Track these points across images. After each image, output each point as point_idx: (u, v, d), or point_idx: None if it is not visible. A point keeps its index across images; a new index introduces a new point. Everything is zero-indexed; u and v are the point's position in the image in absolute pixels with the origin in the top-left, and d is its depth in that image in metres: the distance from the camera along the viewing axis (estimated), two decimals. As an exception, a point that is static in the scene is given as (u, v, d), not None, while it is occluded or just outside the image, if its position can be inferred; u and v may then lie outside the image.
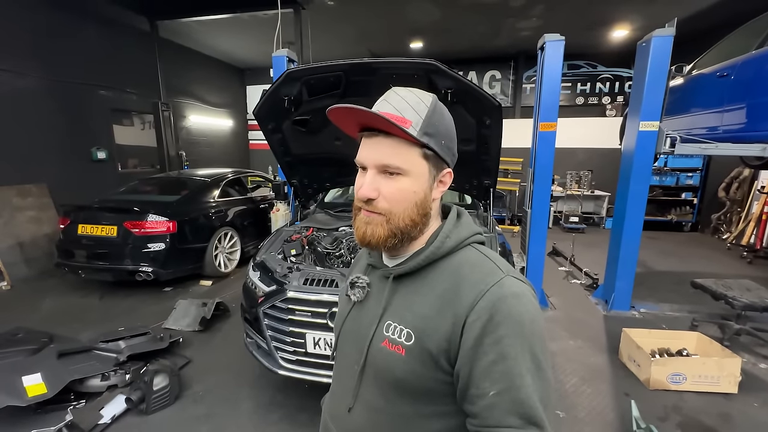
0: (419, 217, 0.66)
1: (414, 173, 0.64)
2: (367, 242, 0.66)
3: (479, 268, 0.63)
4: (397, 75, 1.96)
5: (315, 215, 3.14)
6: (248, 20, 6.30)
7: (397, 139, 0.63)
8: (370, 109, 0.65)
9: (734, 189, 6.58)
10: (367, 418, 0.69)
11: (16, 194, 4.71)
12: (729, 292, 3.11)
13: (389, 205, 0.64)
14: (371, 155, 0.65)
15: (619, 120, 6.98)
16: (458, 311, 0.59)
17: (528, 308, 0.58)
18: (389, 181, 0.64)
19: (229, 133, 9.60)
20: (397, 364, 0.63)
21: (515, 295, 0.58)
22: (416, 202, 0.65)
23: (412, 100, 0.63)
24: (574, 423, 2.21)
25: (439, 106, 0.66)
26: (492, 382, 0.55)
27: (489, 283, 0.59)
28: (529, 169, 3.74)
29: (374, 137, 0.64)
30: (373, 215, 0.65)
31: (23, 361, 2.48)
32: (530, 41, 6.90)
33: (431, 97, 0.66)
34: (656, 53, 3.25)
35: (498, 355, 0.55)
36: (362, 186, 0.65)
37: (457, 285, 0.62)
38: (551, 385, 0.58)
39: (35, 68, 4.98)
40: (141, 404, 2.26)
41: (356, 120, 0.64)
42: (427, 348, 0.61)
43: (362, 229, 0.66)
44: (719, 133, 3.28)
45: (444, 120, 0.66)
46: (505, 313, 0.56)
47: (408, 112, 0.62)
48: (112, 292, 4.15)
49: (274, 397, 2.42)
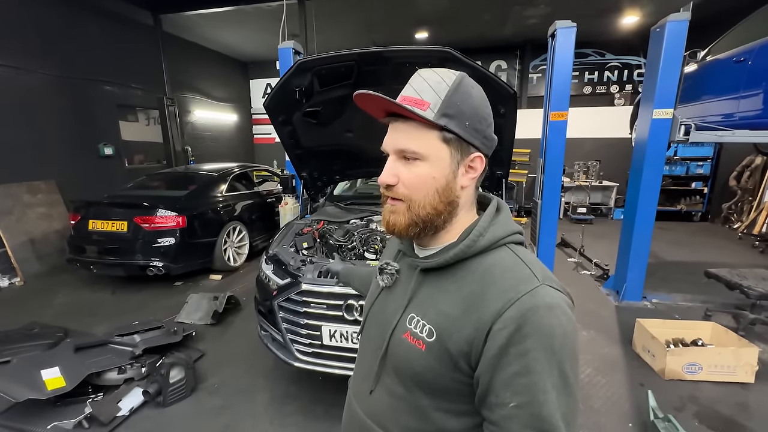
0: (442, 205, 0.62)
1: (432, 158, 0.61)
2: (392, 230, 0.66)
3: (512, 273, 0.59)
4: (410, 63, 1.92)
5: (325, 208, 3.13)
6: (252, 12, 6.25)
7: (413, 122, 0.61)
8: (399, 93, 0.64)
9: (746, 177, 6.48)
10: (388, 402, 0.69)
11: (26, 191, 4.74)
12: (744, 282, 3.07)
13: (408, 191, 0.63)
14: (390, 141, 0.64)
15: (627, 109, 6.89)
16: (483, 317, 0.56)
17: (561, 321, 0.54)
18: (407, 167, 0.62)
19: (234, 128, 9.58)
20: (416, 358, 0.62)
21: (548, 307, 0.54)
22: (437, 188, 0.62)
23: (433, 80, 0.61)
24: (591, 413, 2.20)
25: (466, 84, 0.61)
26: (513, 393, 0.53)
27: (521, 292, 0.56)
28: (540, 159, 3.69)
29: (395, 122, 0.63)
30: (396, 203, 0.64)
31: (41, 355, 2.52)
32: (537, 30, 6.80)
33: (455, 75, 0.62)
34: (671, 39, 3.18)
35: (522, 367, 0.52)
36: (383, 172, 0.65)
37: (486, 288, 0.58)
38: (577, 404, 0.54)
39: (42, 65, 4.98)
40: (158, 397, 2.29)
41: (378, 106, 0.63)
42: (447, 348, 0.59)
43: (387, 217, 0.66)
44: (735, 120, 3.21)
45: (471, 99, 0.61)
46: (535, 325, 0.53)
47: (427, 94, 0.60)
48: (124, 287, 4.19)
49: (288, 389, 2.43)
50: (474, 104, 0.62)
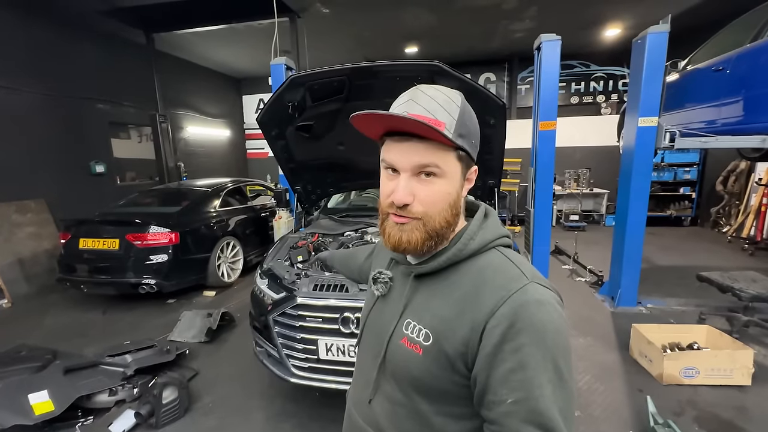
0: (453, 217, 0.65)
1: (449, 175, 0.62)
2: (403, 249, 0.64)
3: (503, 273, 0.62)
4: (401, 78, 1.96)
5: (319, 221, 3.13)
6: (243, 30, 6.34)
7: (431, 142, 0.60)
8: (390, 106, 0.65)
9: (732, 182, 6.62)
10: (388, 409, 0.69)
11: (15, 210, 4.67)
12: (735, 284, 3.11)
13: (425, 208, 0.62)
14: (406, 158, 0.61)
15: (614, 118, 7.04)
16: (477, 316, 0.58)
17: (552, 316, 0.56)
18: (424, 185, 0.62)
19: (226, 143, 9.60)
20: (414, 363, 0.63)
21: (539, 303, 0.56)
22: (450, 203, 0.64)
23: (442, 100, 0.61)
24: (591, 422, 2.19)
25: (467, 104, 0.64)
26: (510, 389, 0.53)
27: (512, 289, 0.57)
28: (531, 168, 3.75)
29: (406, 141, 0.61)
30: (406, 220, 0.63)
31: (28, 379, 2.45)
32: (524, 42, 6.97)
33: (459, 95, 0.64)
34: (652, 50, 3.28)
35: (517, 363, 0.53)
36: (396, 191, 0.62)
37: (478, 289, 0.60)
38: (573, 398, 0.55)
39: (31, 83, 4.97)
40: (150, 418, 2.22)
41: (384, 125, 0.62)
42: (444, 350, 0.60)
43: (396, 236, 0.63)
44: (718, 127, 3.31)
45: (472, 119, 0.65)
46: (527, 321, 0.54)
47: (440, 114, 0.60)
48: (116, 306, 4.11)
49: (284, 407, 2.38)
50: (474, 122, 0.66)
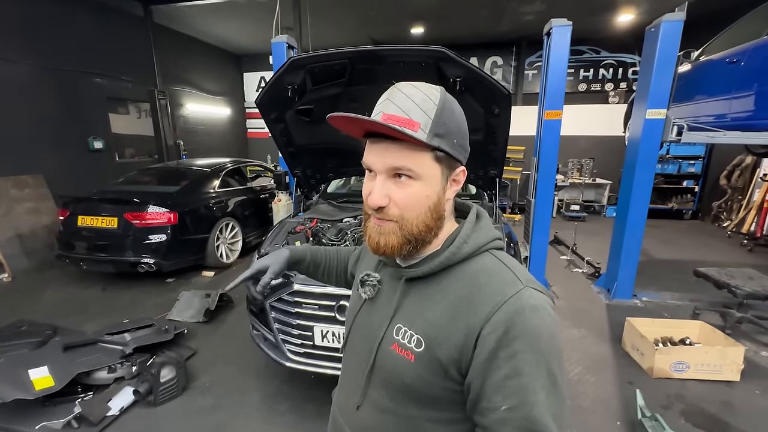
0: (433, 221, 0.62)
1: (426, 177, 0.60)
2: (382, 252, 0.63)
3: (497, 277, 0.60)
4: (405, 63, 1.90)
5: (318, 206, 3.11)
6: (244, 4, 6.14)
7: (405, 143, 0.58)
8: (374, 105, 0.62)
9: (736, 177, 6.56)
10: (376, 417, 0.68)
11: (13, 185, 4.64)
12: (732, 281, 3.12)
13: (401, 211, 0.61)
14: (380, 160, 0.60)
15: (621, 107, 6.92)
16: (472, 322, 0.56)
17: (546, 322, 0.55)
18: (400, 187, 0.60)
19: (227, 122, 9.46)
20: (406, 369, 0.62)
21: (533, 308, 0.55)
22: (429, 206, 0.61)
23: (418, 99, 0.58)
24: (579, 412, 2.23)
25: (449, 101, 0.61)
26: (504, 396, 0.53)
27: (507, 295, 0.56)
28: (533, 158, 3.70)
29: (381, 142, 0.60)
30: (384, 222, 0.62)
31: (29, 354, 2.49)
32: (533, 26, 6.78)
33: (439, 92, 0.60)
34: (665, 39, 3.18)
35: (512, 370, 0.53)
36: (372, 193, 0.61)
37: (472, 294, 0.59)
38: (566, 403, 0.55)
39: (27, 56, 4.86)
40: (149, 396, 2.27)
41: (360, 126, 0.60)
42: (437, 357, 0.59)
43: (375, 239, 0.63)
44: (727, 121, 3.24)
45: (454, 116, 0.61)
46: (521, 327, 0.54)
47: (415, 113, 0.57)
48: (115, 284, 4.15)
49: (280, 388, 2.43)
50: (457, 121, 0.62)
